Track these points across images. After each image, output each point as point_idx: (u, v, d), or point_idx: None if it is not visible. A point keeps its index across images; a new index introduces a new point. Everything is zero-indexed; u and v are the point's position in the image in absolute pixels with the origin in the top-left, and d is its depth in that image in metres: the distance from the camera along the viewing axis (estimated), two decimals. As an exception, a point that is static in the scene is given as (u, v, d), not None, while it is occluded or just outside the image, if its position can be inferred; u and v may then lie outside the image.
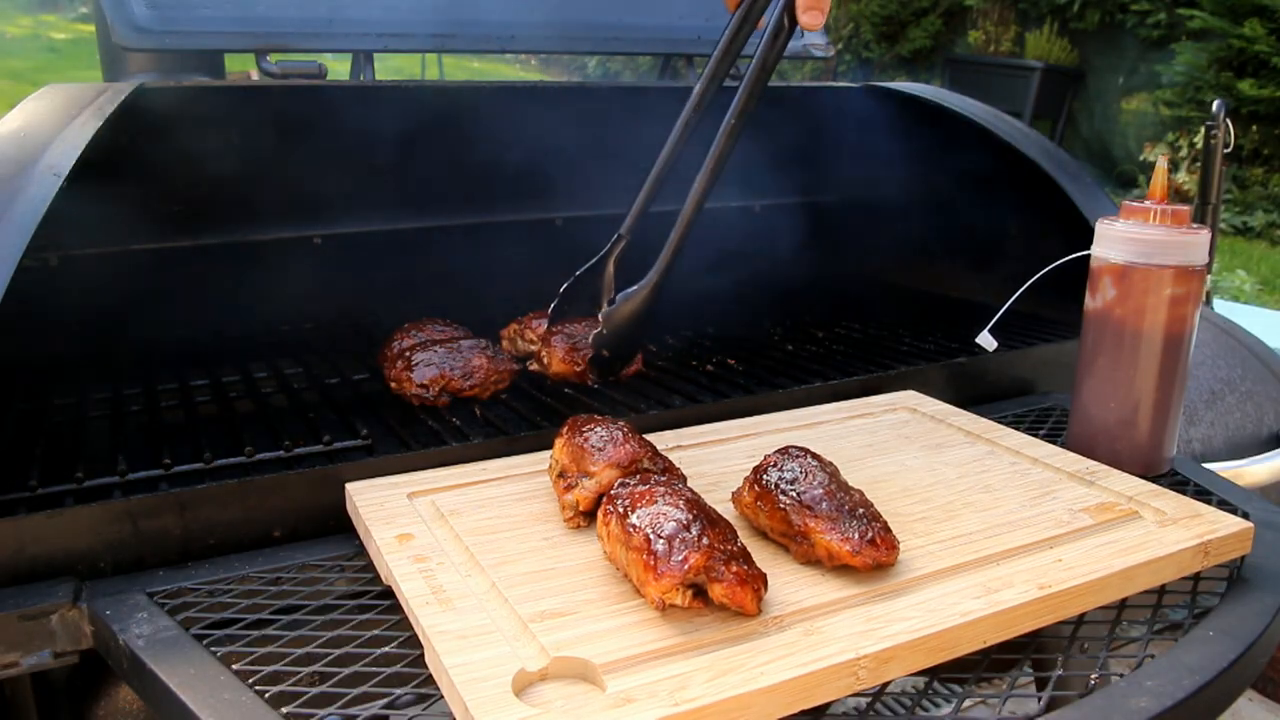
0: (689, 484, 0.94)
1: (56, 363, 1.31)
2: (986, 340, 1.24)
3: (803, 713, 0.71)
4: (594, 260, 1.26)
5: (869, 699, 0.76)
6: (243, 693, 0.75)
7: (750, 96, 1.13)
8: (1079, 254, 1.16)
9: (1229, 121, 1.91)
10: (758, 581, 0.77)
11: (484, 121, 1.55)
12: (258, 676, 0.77)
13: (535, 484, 1.02)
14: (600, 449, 0.95)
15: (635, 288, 1.18)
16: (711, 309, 1.72)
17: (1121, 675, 0.79)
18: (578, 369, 1.31)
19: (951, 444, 1.15)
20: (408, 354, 1.29)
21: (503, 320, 1.46)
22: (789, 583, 0.83)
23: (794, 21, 1.11)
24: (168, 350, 1.36)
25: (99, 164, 1.08)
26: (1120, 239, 1.10)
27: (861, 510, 0.86)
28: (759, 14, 1.18)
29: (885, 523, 0.85)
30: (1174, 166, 6.52)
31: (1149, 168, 6.56)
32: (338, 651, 0.81)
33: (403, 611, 0.81)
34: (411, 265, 1.52)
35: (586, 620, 0.77)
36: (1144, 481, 1.04)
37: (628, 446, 0.96)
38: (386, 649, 0.81)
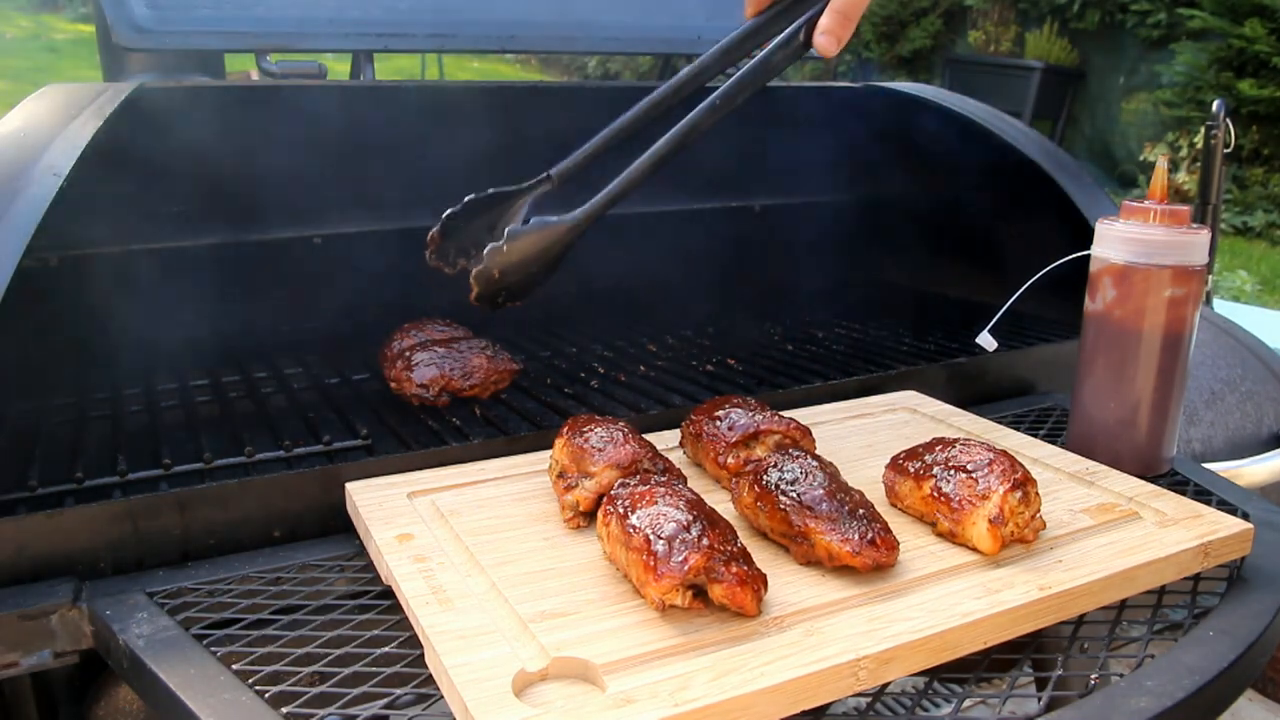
0: (689, 484, 0.94)
1: (56, 363, 1.31)
2: (986, 340, 1.24)
3: (803, 713, 0.71)
4: (510, 188, 1.15)
5: (869, 699, 0.75)
6: (243, 693, 0.75)
7: (744, 87, 1.09)
8: (1079, 254, 1.15)
9: (1229, 121, 1.91)
10: (758, 582, 0.77)
11: (483, 122, 1.54)
12: (258, 676, 0.77)
13: (535, 484, 1.02)
14: (600, 449, 0.95)
15: (556, 219, 1.09)
16: (711, 309, 1.72)
17: (1121, 675, 0.79)
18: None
19: (951, 444, 1.15)
20: (408, 354, 1.29)
21: (502, 319, 1.45)
22: (789, 583, 0.83)
23: (809, 40, 1.08)
24: (168, 350, 1.36)
25: (99, 164, 1.08)
26: (1120, 239, 1.10)
27: (862, 511, 0.85)
28: (777, 31, 1.12)
29: (885, 523, 0.85)
30: (1174, 166, 6.52)
31: (1149, 168, 6.56)
32: (338, 651, 0.81)
33: (403, 611, 0.81)
34: (412, 265, 1.52)
35: (587, 620, 0.77)
36: (1144, 482, 1.04)
37: (628, 447, 0.95)
38: (386, 649, 0.81)
